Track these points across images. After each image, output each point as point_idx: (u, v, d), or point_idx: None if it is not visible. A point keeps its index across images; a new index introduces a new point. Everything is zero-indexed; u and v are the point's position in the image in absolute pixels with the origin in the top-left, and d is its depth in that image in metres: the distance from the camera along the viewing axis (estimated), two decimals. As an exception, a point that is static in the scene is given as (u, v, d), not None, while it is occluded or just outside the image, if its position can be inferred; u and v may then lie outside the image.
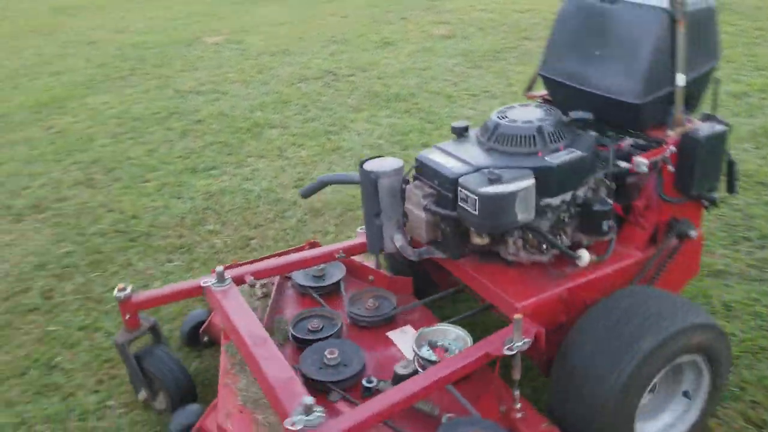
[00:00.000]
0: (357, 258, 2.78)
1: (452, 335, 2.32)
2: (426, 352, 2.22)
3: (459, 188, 2.01)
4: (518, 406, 1.99)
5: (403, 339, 2.41)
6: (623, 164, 2.16)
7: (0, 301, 3.13)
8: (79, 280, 3.22)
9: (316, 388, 2.18)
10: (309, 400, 1.75)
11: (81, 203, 4.01)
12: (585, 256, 2.12)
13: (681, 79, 2.16)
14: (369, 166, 2.23)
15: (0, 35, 8.40)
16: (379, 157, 2.31)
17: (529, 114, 2.21)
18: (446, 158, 2.17)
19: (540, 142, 2.10)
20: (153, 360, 2.38)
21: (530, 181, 1.97)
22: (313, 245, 2.87)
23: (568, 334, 2.02)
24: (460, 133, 2.29)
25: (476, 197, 1.94)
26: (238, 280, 2.44)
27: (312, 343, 2.33)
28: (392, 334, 2.44)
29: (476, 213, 1.97)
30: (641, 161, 2.10)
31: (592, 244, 2.22)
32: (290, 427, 1.72)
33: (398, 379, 2.12)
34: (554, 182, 2.06)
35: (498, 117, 2.21)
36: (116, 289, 2.35)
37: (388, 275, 2.73)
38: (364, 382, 2.17)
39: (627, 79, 2.19)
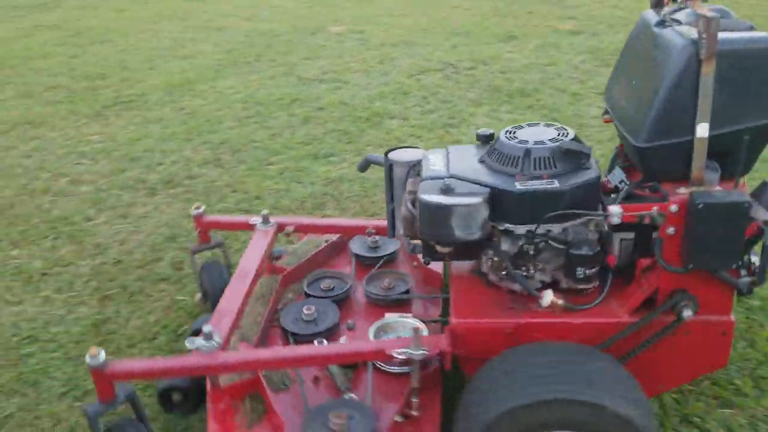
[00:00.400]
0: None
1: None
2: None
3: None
4: (415, 413, 2.07)
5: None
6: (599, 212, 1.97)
7: (134, 268, 3.33)
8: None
9: (285, 335, 2.48)
10: (208, 328, 2.06)
11: (209, 181, 4.20)
12: (547, 298, 1.97)
13: (703, 129, 1.82)
14: (392, 154, 2.35)
15: (139, 19, 8.92)
16: (412, 147, 2.42)
17: (533, 135, 2.08)
18: (439, 160, 2.16)
19: (525, 165, 1.99)
20: (207, 272, 2.92)
21: (474, 200, 1.92)
22: None
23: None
24: (485, 141, 2.23)
25: (418, 202, 1.98)
26: (281, 227, 2.86)
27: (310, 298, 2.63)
28: (388, 316, 2.50)
29: (418, 218, 2.00)
30: (615, 211, 1.86)
31: (576, 287, 2.06)
32: (187, 345, 2.07)
33: None
34: (515, 209, 1.96)
35: (504, 132, 2.13)
36: (193, 207, 2.89)
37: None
38: (315, 341, 2.37)
39: (639, 117, 1.92)
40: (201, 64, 6.72)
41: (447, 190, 1.95)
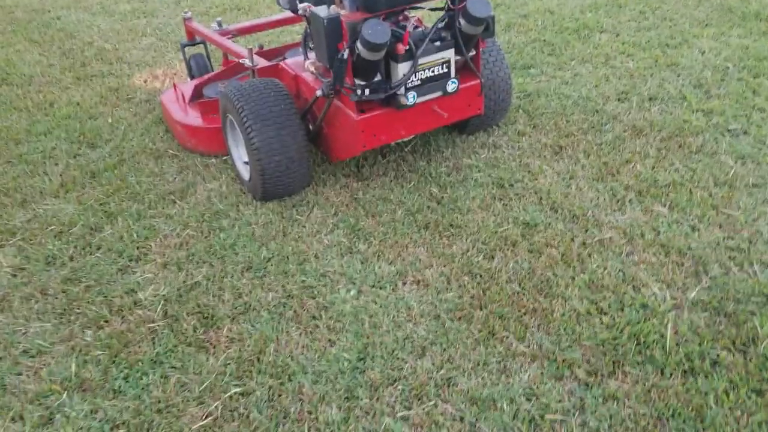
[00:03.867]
0: None
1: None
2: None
3: None
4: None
5: None
6: None
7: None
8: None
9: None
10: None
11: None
12: (306, 63, 3.05)
13: None
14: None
15: None
16: None
17: None
18: None
19: None
20: (193, 60, 4.07)
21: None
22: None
23: None
24: None
25: None
26: (229, 32, 3.99)
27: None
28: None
29: None
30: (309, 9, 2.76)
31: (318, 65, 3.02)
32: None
33: None
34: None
35: None
36: (183, 12, 4.31)
37: None
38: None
39: None
40: None
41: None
